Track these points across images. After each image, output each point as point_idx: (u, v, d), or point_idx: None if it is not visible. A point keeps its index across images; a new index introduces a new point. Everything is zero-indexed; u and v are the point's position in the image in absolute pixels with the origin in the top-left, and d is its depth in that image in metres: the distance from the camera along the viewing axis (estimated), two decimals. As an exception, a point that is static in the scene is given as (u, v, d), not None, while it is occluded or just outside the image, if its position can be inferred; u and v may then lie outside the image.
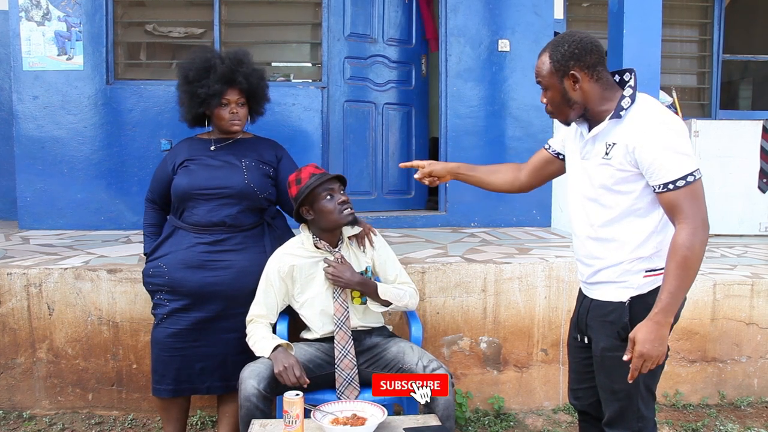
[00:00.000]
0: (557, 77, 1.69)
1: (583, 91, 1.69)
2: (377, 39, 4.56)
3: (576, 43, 1.67)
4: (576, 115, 1.74)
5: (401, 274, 2.41)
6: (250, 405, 1.99)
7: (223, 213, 2.37)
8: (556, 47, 1.69)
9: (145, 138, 4.11)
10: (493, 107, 4.39)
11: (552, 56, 1.69)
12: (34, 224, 4.08)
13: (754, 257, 3.72)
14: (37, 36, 4.06)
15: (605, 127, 1.69)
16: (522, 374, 3.00)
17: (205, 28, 4.40)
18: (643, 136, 1.60)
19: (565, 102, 1.71)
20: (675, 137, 1.59)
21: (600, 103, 1.70)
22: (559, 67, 1.68)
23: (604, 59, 1.72)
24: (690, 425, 2.86)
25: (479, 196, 4.36)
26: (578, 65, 1.67)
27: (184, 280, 2.33)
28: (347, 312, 2.25)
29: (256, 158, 2.47)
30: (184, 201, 2.41)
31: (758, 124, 4.66)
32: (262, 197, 2.43)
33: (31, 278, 2.80)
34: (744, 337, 3.07)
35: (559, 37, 1.72)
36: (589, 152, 1.75)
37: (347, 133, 4.42)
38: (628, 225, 1.69)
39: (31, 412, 2.85)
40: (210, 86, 2.37)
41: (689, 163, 1.58)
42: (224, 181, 2.38)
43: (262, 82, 2.52)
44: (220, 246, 2.36)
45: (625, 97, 1.66)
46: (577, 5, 5.46)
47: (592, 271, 1.79)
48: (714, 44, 5.62)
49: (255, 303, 2.28)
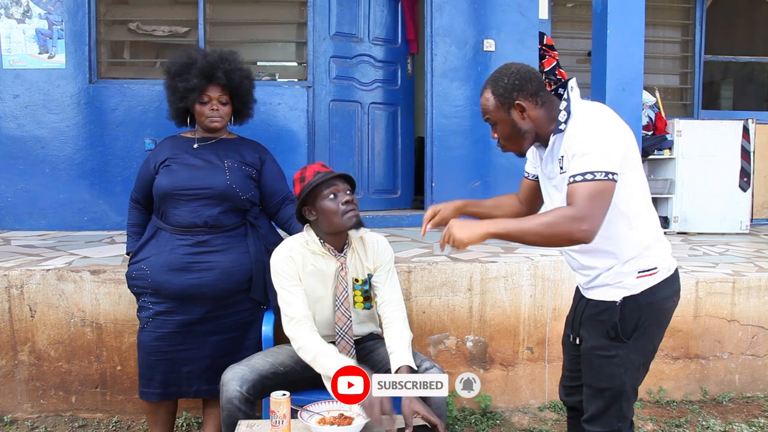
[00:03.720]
0: (504, 110, 1.73)
1: (531, 119, 1.73)
2: (363, 38, 4.56)
3: (514, 74, 1.71)
4: (529, 144, 1.78)
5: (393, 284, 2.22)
6: (233, 407, 1.97)
7: (204, 214, 2.34)
8: (496, 82, 1.73)
9: (129, 137, 4.07)
10: (479, 107, 4.39)
11: (495, 91, 1.73)
12: (15, 225, 4.03)
13: (736, 255, 3.77)
14: (17, 34, 4.01)
15: (552, 145, 1.73)
16: (508, 373, 3.01)
17: (190, 27, 4.37)
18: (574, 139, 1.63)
19: (516, 133, 1.75)
20: (593, 136, 1.60)
21: (549, 124, 1.73)
22: (503, 100, 1.72)
23: (543, 84, 1.75)
24: (673, 421, 2.89)
25: (465, 196, 4.33)
26: (521, 95, 1.71)
27: (168, 283, 2.30)
28: (350, 322, 2.16)
29: (239, 159, 2.44)
30: (165, 201, 2.38)
31: (739, 124, 4.73)
32: (245, 198, 2.40)
33: (12, 280, 2.76)
34: (726, 333, 3.11)
35: (496, 73, 1.75)
36: (550, 171, 1.78)
37: (333, 133, 4.41)
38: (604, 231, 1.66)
39: (12, 416, 2.81)
40: (190, 80, 2.36)
41: (597, 162, 1.57)
42: (206, 182, 2.35)
43: (245, 81, 2.48)
44: (203, 247, 2.33)
45: (561, 111, 1.70)
46: (561, 6, 5.50)
47: (589, 279, 1.81)
48: (696, 45, 5.70)
49: (287, 304, 2.08)
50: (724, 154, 4.72)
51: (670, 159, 4.76)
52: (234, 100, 2.49)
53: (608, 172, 1.57)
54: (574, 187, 1.59)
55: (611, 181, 1.57)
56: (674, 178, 4.73)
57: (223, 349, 2.35)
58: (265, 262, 2.38)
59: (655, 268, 1.71)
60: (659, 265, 1.73)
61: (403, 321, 2.16)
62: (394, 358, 2.04)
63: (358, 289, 2.22)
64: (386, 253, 2.24)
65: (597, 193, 1.56)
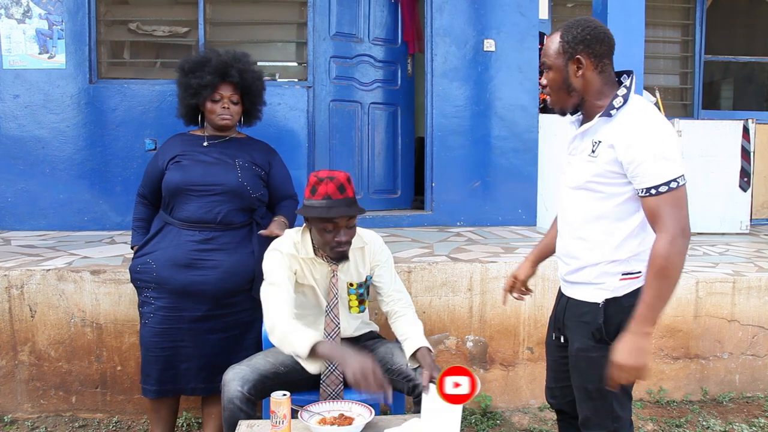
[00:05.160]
0: (563, 58, 1.68)
1: (584, 79, 1.68)
2: (363, 38, 4.56)
3: (589, 29, 1.66)
4: (573, 105, 1.72)
5: (396, 281, 2.27)
6: (234, 407, 1.97)
7: (214, 210, 2.35)
8: (569, 29, 1.68)
9: (129, 138, 4.07)
10: (479, 107, 4.41)
11: (563, 36, 1.68)
12: (15, 225, 4.02)
13: (736, 255, 3.77)
14: (17, 34, 4.00)
15: (594, 124, 1.68)
16: (508, 373, 3.01)
17: (190, 27, 4.36)
18: (630, 137, 1.59)
19: (564, 86, 1.70)
20: (661, 141, 1.57)
21: (597, 96, 1.69)
22: (567, 48, 1.67)
23: (612, 53, 1.70)
24: (673, 421, 2.89)
25: (465, 196, 4.39)
26: (586, 51, 1.66)
27: (171, 279, 2.31)
28: (338, 328, 2.16)
29: (248, 159, 2.46)
30: (175, 196, 2.38)
31: (739, 124, 4.73)
32: (255, 197, 2.43)
33: (12, 280, 2.76)
34: (726, 333, 3.11)
35: (573, 20, 1.70)
36: (576, 148, 1.75)
37: (333, 133, 4.41)
38: (605, 226, 1.68)
39: (12, 416, 2.81)
40: (203, 77, 2.39)
41: (674, 168, 1.56)
42: (218, 178, 2.37)
43: (257, 82, 2.51)
44: (209, 244, 2.34)
45: (618, 96, 1.65)
46: (561, 6, 5.51)
47: (570, 270, 1.78)
48: (696, 45, 5.70)
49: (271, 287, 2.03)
50: (724, 154, 4.71)
51: (670, 159, 4.76)
52: (245, 101, 2.51)
53: (682, 176, 1.56)
54: (657, 201, 1.55)
55: (685, 185, 1.57)
56: (674, 178, 4.73)
57: (221, 347, 2.35)
58: None
59: (639, 272, 1.68)
60: (643, 270, 1.70)
61: (412, 312, 2.20)
62: (409, 343, 2.08)
63: (353, 293, 2.22)
64: (383, 251, 2.25)
65: (678, 201, 1.55)
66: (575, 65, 1.67)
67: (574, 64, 1.67)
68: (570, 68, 1.68)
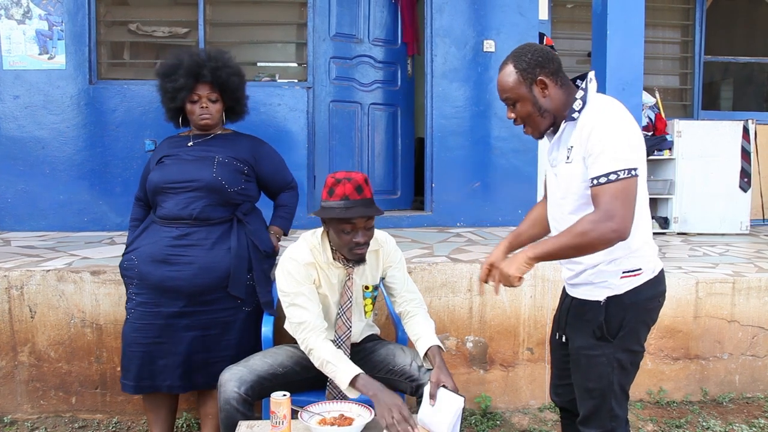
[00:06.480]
0: (525, 86, 1.70)
1: (551, 98, 1.71)
2: (363, 39, 4.56)
3: (537, 52, 1.70)
4: (547, 125, 1.75)
5: (408, 281, 2.26)
6: (230, 408, 1.97)
7: (190, 206, 2.38)
8: (519, 57, 1.70)
9: (129, 138, 4.07)
10: (479, 107, 4.41)
11: (517, 66, 1.70)
12: (15, 226, 4.03)
13: (736, 256, 3.77)
14: (17, 34, 4.01)
15: (563, 132, 1.71)
16: (508, 373, 3.01)
17: (190, 28, 4.37)
18: (587, 134, 1.62)
19: (536, 111, 1.72)
20: (610, 135, 1.59)
21: (565, 109, 1.71)
22: (526, 75, 1.69)
23: (562, 66, 1.74)
24: (673, 422, 2.89)
25: (465, 196, 4.39)
26: (543, 72, 1.69)
27: (149, 274, 2.34)
28: (349, 332, 2.16)
29: (229, 155, 2.48)
30: (155, 195, 2.45)
31: (739, 125, 4.73)
32: (233, 191, 2.43)
33: (12, 280, 2.76)
34: (726, 334, 3.11)
35: (517, 50, 1.73)
36: (555, 159, 1.77)
37: (333, 134, 4.41)
38: None
39: (12, 417, 2.80)
40: (177, 80, 2.43)
41: (620, 160, 1.57)
42: (192, 175, 2.40)
43: (233, 78, 2.52)
44: (185, 240, 2.36)
45: (576, 100, 1.68)
46: (561, 6, 5.50)
47: (574, 274, 1.81)
48: (696, 46, 5.70)
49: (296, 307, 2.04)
50: (724, 155, 4.71)
51: (670, 160, 4.76)
52: (224, 98, 2.53)
53: (630, 169, 1.57)
54: (597, 190, 1.58)
55: (634, 177, 1.57)
56: (674, 178, 4.73)
57: (198, 345, 2.35)
58: (248, 259, 2.40)
59: (640, 269, 1.71)
60: (644, 267, 1.73)
61: (424, 311, 2.21)
62: (421, 342, 2.09)
63: (368, 297, 2.21)
64: (396, 252, 2.25)
65: (620, 192, 1.56)
66: (539, 87, 1.70)
67: (538, 87, 1.70)
68: (536, 92, 1.70)
